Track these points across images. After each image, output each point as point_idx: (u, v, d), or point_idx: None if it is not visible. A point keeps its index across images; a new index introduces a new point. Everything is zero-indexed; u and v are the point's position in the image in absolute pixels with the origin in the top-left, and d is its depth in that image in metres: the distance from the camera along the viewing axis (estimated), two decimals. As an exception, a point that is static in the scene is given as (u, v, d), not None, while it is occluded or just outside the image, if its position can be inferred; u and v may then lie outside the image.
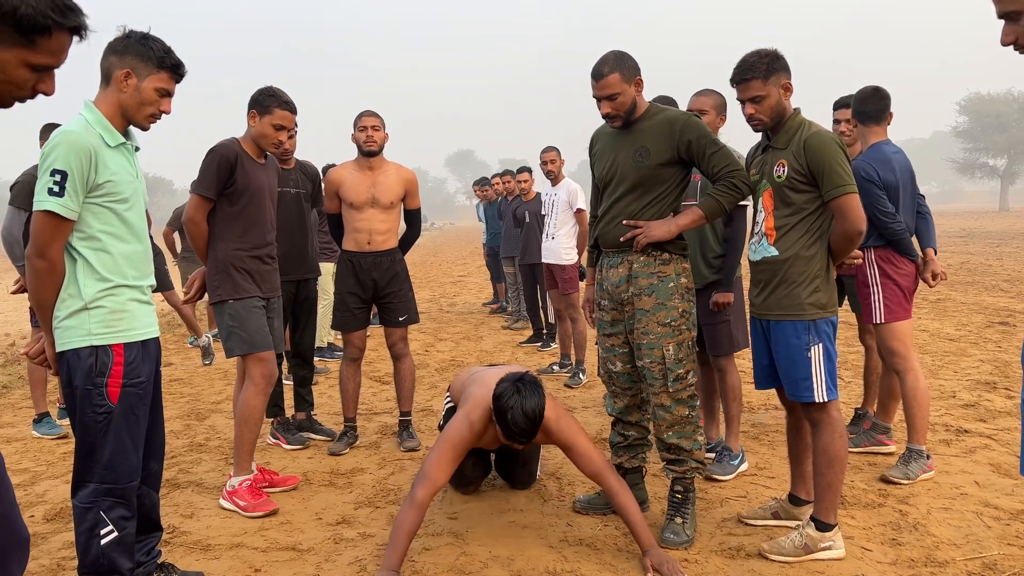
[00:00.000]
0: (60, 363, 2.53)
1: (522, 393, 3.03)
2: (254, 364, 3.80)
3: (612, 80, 3.21)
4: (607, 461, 3.23)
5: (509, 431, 3.04)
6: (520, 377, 3.11)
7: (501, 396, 3.06)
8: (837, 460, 3.05)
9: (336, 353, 7.84)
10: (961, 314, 9.28)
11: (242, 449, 3.82)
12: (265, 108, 3.84)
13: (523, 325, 9.54)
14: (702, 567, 3.03)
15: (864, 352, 4.62)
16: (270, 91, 3.90)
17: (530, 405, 3.01)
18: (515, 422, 3.00)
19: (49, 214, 2.40)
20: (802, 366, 3.04)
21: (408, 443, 4.69)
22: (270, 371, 3.83)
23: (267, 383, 3.83)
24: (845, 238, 3.00)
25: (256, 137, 3.88)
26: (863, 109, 3.98)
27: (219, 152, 3.75)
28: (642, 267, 3.30)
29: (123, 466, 2.52)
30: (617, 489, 3.13)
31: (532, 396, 3.03)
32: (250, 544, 3.35)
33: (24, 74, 1.55)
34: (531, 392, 3.04)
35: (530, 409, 3.01)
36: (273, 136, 3.86)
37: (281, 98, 3.88)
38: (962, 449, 4.35)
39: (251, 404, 3.79)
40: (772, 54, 3.04)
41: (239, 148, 3.82)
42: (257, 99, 3.89)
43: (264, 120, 3.84)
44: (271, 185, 3.95)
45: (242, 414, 3.80)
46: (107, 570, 2.53)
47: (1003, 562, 2.99)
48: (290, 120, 3.90)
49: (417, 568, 3.05)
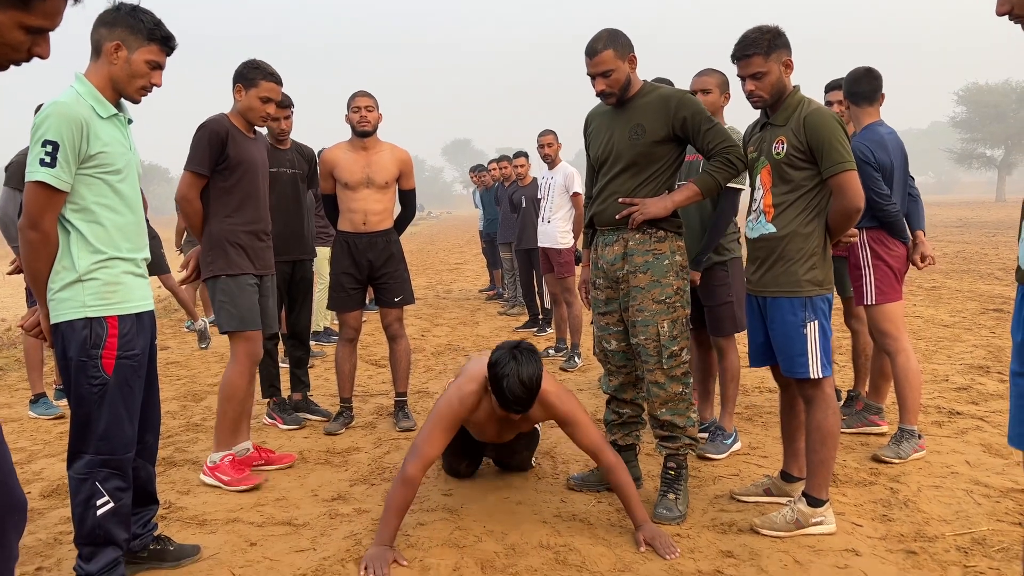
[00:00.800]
0: (55, 335, 2.53)
1: (519, 360, 2.96)
2: (240, 342, 3.79)
3: (606, 56, 3.20)
4: (604, 437, 3.24)
5: (505, 399, 2.98)
6: (516, 344, 3.05)
7: (497, 363, 3.00)
8: (830, 436, 3.07)
9: (332, 337, 7.85)
10: (956, 301, 9.31)
11: (224, 426, 3.83)
12: (250, 81, 3.80)
13: (519, 311, 9.55)
14: (694, 541, 3.05)
15: (851, 335, 4.64)
16: (254, 63, 3.85)
17: (527, 372, 2.95)
18: (511, 389, 2.94)
19: (41, 185, 2.39)
20: (798, 342, 3.06)
21: (404, 423, 4.71)
22: (255, 350, 3.83)
23: (251, 362, 3.82)
24: (843, 215, 3.01)
25: (244, 111, 3.83)
26: (856, 90, 3.98)
27: (209, 127, 3.71)
28: (637, 245, 3.31)
29: (119, 437, 2.53)
30: (614, 464, 3.13)
31: (529, 363, 2.97)
32: (246, 519, 3.36)
33: (19, 36, 1.55)
34: (528, 359, 2.98)
35: (527, 376, 2.95)
36: (261, 109, 3.82)
37: (266, 70, 3.82)
38: (954, 430, 4.38)
39: (234, 382, 3.79)
40: (774, 30, 3.04)
41: (229, 123, 3.78)
42: (242, 72, 3.84)
43: (251, 93, 3.79)
44: (263, 160, 3.93)
45: (225, 391, 3.80)
46: (103, 540, 2.54)
47: (992, 537, 3.02)
48: (276, 92, 3.85)
49: (412, 542, 3.07)
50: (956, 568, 2.78)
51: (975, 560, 2.83)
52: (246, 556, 3.00)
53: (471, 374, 3.26)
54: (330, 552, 3.01)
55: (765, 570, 2.80)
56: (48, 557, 3.02)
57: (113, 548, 2.57)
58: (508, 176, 9.39)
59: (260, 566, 2.91)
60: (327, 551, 3.02)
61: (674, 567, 2.83)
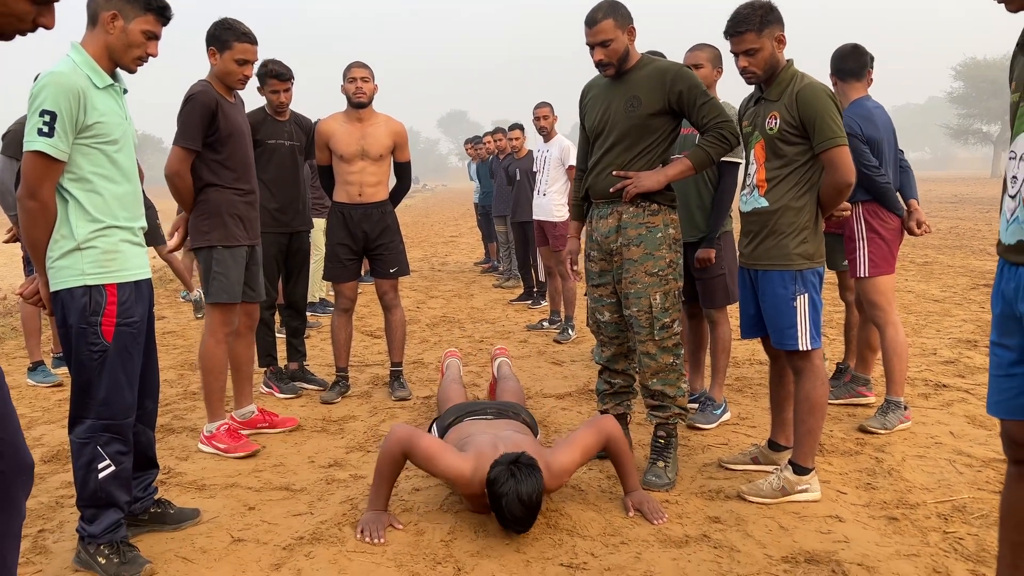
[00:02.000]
0: (54, 303, 2.57)
1: (517, 478, 2.74)
2: (219, 312, 3.79)
3: (606, 26, 3.21)
4: (587, 428, 3.11)
5: (504, 519, 2.79)
6: (515, 459, 2.81)
7: (496, 481, 2.76)
8: (818, 407, 3.13)
9: (328, 308, 7.89)
10: (947, 276, 9.39)
11: (212, 397, 3.86)
12: (224, 43, 3.62)
13: (514, 284, 9.60)
14: (682, 507, 3.13)
15: (845, 308, 4.70)
16: (226, 23, 3.67)
17: (526, 490, 2.72)
18: (510, 510, 2.73)
19: (39, 154, 2.42)
20: (788, 315, 3.11)
21: (399, 392, 4.77)
22: (232, 320, 3.84)
23: (227, 331, 3.83)
24: (835, 190, 3.05)
25: (220, 75, 3.67)
26: (843, 66, 4.01)
27: (199, 99, 3.57)
28: (631, 217, 3.34)
29: (119, 403, 2.59)
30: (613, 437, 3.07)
31: (528, 480, 2.74)
32: (244, 484, 3.43)
33: (24, 6, 1.57)
34: (527, 475, 2.75)
35: (527, 495, 2.72)
36: (238, 72, 3.66)
37: (239, 30, 3.65)
38: (940, 402, 4.46)
39: (213, 353, 3.81)
40: (766, 6, 3.05)
41: (215, 92, 3.65)
42: (214, 35, 3.66)
43: (225, 56, 3.63)
44: (247, 126, 3.86)
45: (205, 364, 3.81)
46: (105, 503, 2.60)
47: (972, 505, 3.10)
48: (252, 52, 3.68)
49: (407, 507, 3.14)
50: (935, 534, 2.86)
51: (955, 527, 2.92)
52: (245, 519, 3.07)
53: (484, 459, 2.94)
54: (327, 516, 3.08)
55: (751, 535, 2.87)
56: (50, 520, 3.09)
57: (115, 510, 2.63)
58: (503, 149, 9.38)
59: (258, 529, 2.98)
60: (324, 515, 3.09)
61: (662, 532, 2.91)
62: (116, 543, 2.63)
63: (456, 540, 2.87)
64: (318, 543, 2.85)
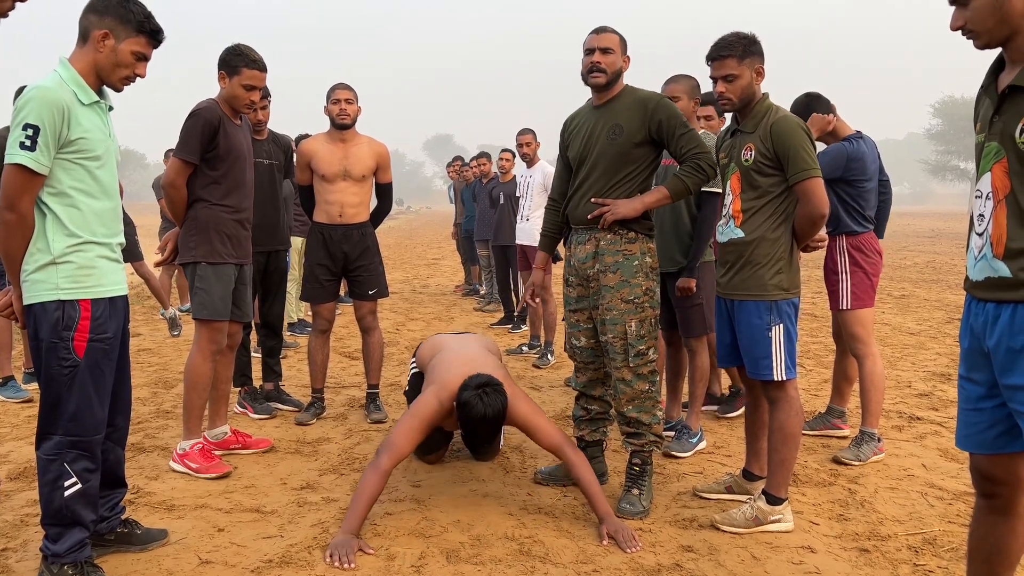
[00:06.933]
0: (27, 316, 2.54)
1: (484, 401, 3.15)
2: (206, 330, 3.81)
3: (612, 38, 3.36)
4: (564, 435, 3.33)
5: (471, 440, 3.31)
6: (485, 383, 3.21)
7: (466, 405, 3.16)
8: (792, 437, 3.15)
9: (307, 328, 7.84)
10: (923, 310, 9.50)
11: (191, 414, 3.84)
12: (233, 69, 3.76)
13: (495, 307, 9.59)
14: (656, 536, 3.12)
15: None
16: (237, 50, 3.80)
17: (492, 412, 3.15)
18: (475, 430, 3.21)
19: (20, 168, 2.41)
20: (763, 345, 3.14)
21: (375, 415, 4.74)
22: (220, 339, 3.85)
23: (213, 349, 3.84)
24: (808, 221, 3.09)
25: (228, 98, 3.82)
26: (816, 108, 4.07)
27: (203, 115, 3.69)
28: (608, 244, 3.37)
29: (88, 419, 2.55)
30: (575, 461, 3.23)
31: (494, 401, 3.16)
32: (214, 505, 3.38)
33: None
34: (493, 398, 3.16)
35: (492, 414, 3.15)
36: (244, 97, 3.80)
37: (249, 56, 3.78)
38: (913, 435, 4.50)
39: (198, 369, 3.80)
40: (750, 37, 3.13)
41: (220, 111, 3.77)
42: (225, 59, 3.80)
43: (234, 81, 3.77)
44: (249, 148, 3.94)
45: (190, 379, 3.81)
46: (70, 521, 2.56)
47: (943, 538, 3.12)
48: (260, 79, 3.82)
49: (379, 531, 3.11)
50: (906, 566, 2.87)
51: (925, 559, 2.93)
52: (213, 541, 3.02)
53: (448, 385, 3.34)
54: (297, 539, 3.04)
55: (723, 564, 2.87)
56: (14, 539, 3.02)
57: (80, 529, 2.58)
58: (487, 173, 9.42)
59: (227, 551, 2.94)
60: (294, 538, 3.05)
61: (635, 560, 2.90)
62: (80, 563, 2.57)
63: (427, 565, 2.84)
64: (287, 566, 2.81)
